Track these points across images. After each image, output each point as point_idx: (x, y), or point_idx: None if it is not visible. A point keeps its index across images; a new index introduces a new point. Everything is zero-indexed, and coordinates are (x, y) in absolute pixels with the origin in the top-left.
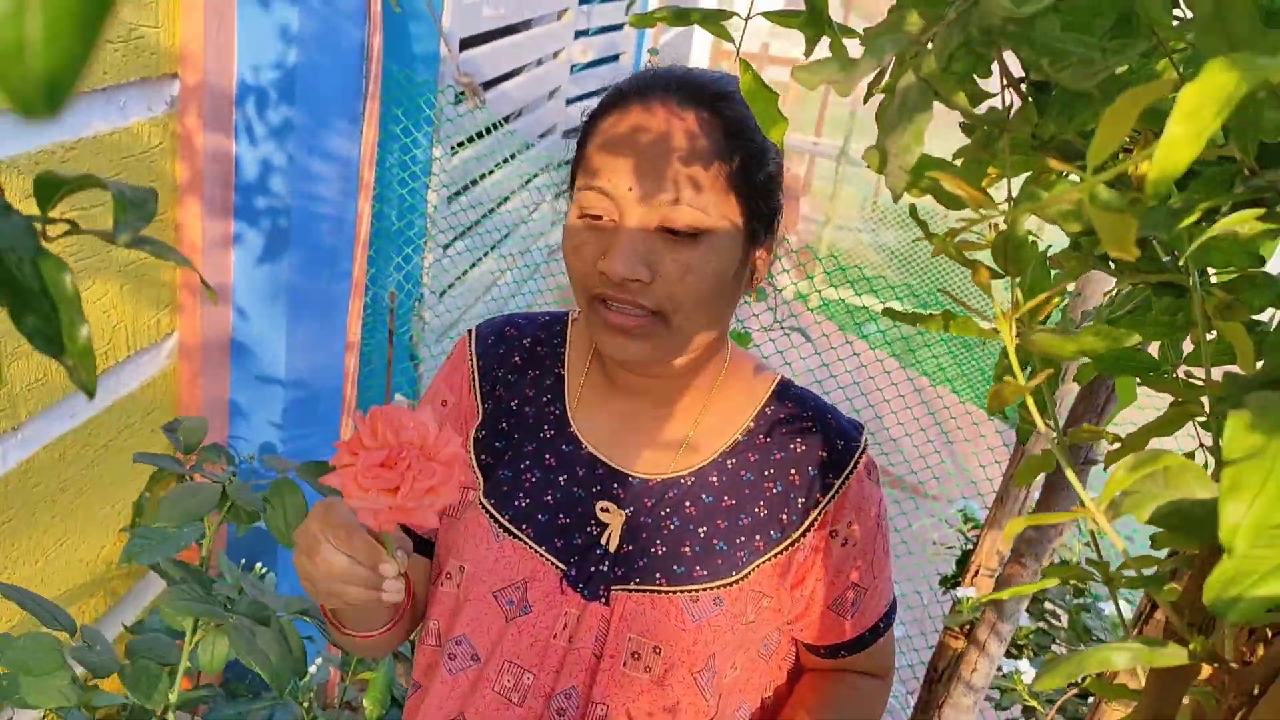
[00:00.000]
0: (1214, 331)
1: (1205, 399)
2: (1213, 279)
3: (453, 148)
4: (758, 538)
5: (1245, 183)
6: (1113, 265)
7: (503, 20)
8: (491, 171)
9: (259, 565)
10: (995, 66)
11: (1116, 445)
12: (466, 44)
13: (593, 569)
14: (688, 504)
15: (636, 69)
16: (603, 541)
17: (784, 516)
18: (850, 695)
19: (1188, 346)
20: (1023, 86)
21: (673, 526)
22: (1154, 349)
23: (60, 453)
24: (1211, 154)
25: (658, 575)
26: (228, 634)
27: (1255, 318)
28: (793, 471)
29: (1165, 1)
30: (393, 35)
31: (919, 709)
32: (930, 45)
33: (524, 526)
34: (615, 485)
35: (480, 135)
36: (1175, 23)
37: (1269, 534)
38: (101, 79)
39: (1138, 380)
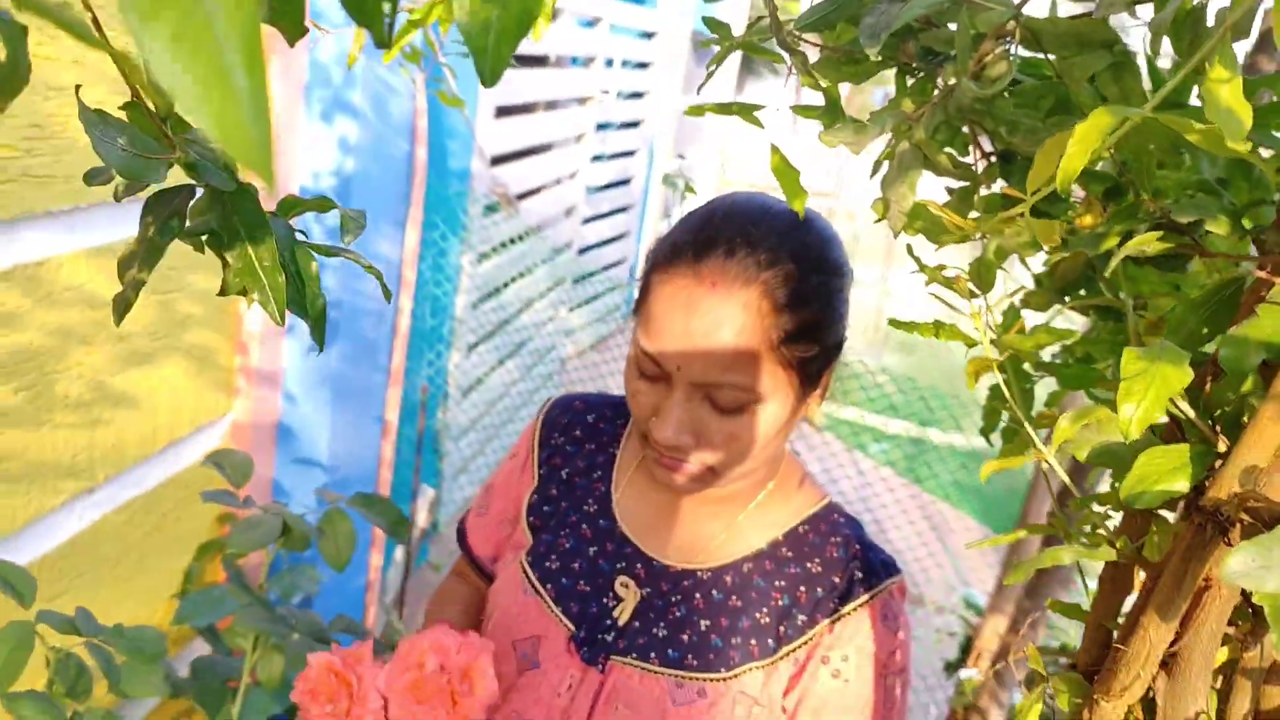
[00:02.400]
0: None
1: None
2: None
3: (479, 256)
4: (753, 642)
5: (1147, 214)
6: (1066, 298)
7: (525, 142)
8: (508, 283)
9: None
10: (973, 149)
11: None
12: (494, 161)
13: (599, 636)
14: (698, 596)
15: (645, 193)
16: (615, 614)
17: (782, 629)
18: None
19: None
20: (993, 158)
21: (679, 614)
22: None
23: (128, 517)
24: (1129, 198)
25: (652, 654)
26: (285, 652)
27: None
28: (802, 589)
29: (1091, 90)
30: (433, 150)
31: None
32: (920, 120)
33: (548, 586)
34: (639, 565)
35: (505, 245)
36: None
37: (1161, 450)
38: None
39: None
